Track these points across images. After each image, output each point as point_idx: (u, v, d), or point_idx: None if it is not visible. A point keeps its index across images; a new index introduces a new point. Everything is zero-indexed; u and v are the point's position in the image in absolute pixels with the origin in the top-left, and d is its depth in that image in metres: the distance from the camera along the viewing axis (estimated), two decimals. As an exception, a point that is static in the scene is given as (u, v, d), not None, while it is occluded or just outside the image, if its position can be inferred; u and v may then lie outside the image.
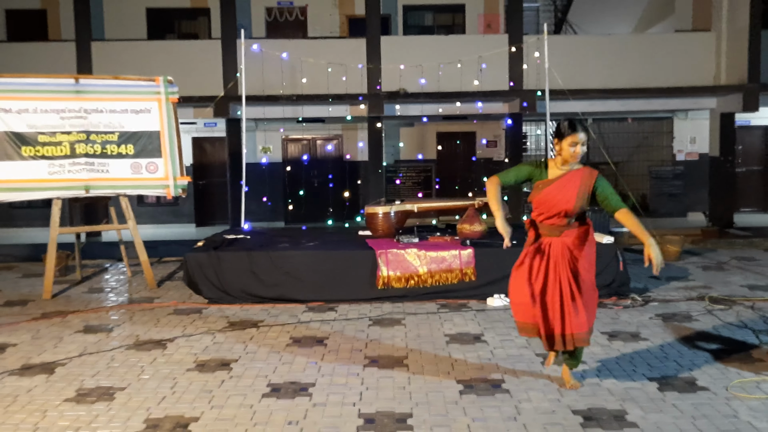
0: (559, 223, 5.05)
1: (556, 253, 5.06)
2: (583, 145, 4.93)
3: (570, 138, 4.92)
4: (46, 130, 9.10)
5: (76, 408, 5.05)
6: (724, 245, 12.30)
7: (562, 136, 4.97)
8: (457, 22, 18.49)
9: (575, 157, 4.96)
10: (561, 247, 5.06)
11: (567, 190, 4.96)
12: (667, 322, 7.14)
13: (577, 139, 4.91)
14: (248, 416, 4.85)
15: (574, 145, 4.92)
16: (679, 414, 4.75)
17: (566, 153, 4.96)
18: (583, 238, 5.10)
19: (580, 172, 5.01)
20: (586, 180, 4.97)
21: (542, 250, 5.13)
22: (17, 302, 8.68)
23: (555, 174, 5.04)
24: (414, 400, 5.08)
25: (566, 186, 4.97)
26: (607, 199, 4.97)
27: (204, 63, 14.92)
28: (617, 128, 18.94)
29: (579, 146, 4.92)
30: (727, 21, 15.24)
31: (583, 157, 5.07)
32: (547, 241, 5.11)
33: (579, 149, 4.93)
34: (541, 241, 5.15)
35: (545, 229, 5.12)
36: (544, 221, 5.11)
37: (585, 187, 4.96)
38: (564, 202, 4.96)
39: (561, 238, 5.06)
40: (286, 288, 8.26)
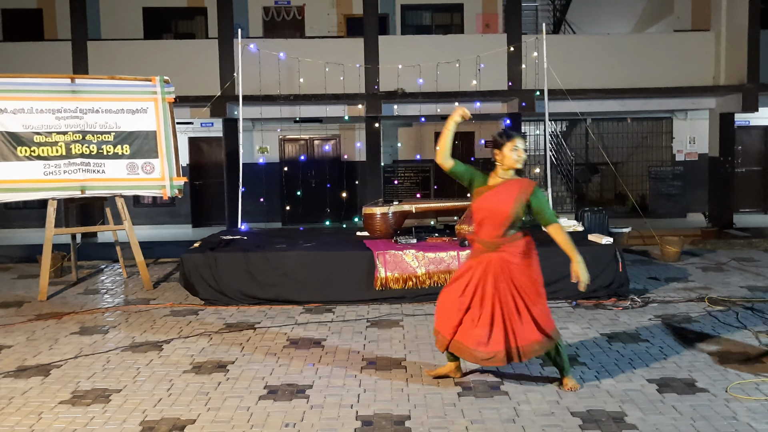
0: (497, 235, 5.09)
1: (495, 270, 5.09)
2: (524, 150, 5.12)
3: (510, 143, 5.10)
4: (41, 130, 9.06)
5: (72, 410, 5.01)
6: (724, 246, 12.27)
7: (501, 144, 5.13)
8: (456, 22, 18.48)
9: (519, 161, 5.11)
10: (500, 262, 5.09)
11: (504, 196, 5.07)
12: (667, 323, 7.11)
13: (516, 144, 5.08)
14: (245, 418, 4.81)
15: (515, 149, 5.08)
16: (679, 416, 4.72)
17: (509, 159, 5.10)
18: (523, 250, 5.15)
19: (518, 181, 5.15)
20: (524, 189, 5.09)
21: (481, 266, 5.14)
22: (12, 303, 8.64)
23: (495, 182, 5.18)
24: (412, 402, 5.05)
25: (504, 193, 5.08)
26: (542, 212, 5.10)
27: (201, 63, 14.89)
28: (616, 128, 18.93)
29: (521, 150, 5.10)
30: (726, 21, 15.24)
31: (578, 157, 5.10)
32: (487, 258, 5.13)
33: (522, 153, 5.10)
34: (482, 258, 5.16)
35: (484, 245, 5.17)
36: (481, 235, 5.17)
37: (522, 195, 5.06)
38: (500, 209, 5.05)
39: (499, 253, 5.10)
40: (283, 289, 8.22)
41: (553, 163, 18.63)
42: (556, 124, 19.24)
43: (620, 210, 17.91)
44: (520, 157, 5.09)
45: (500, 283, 5.07)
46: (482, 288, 5.11)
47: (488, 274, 5.10)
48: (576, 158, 19.13)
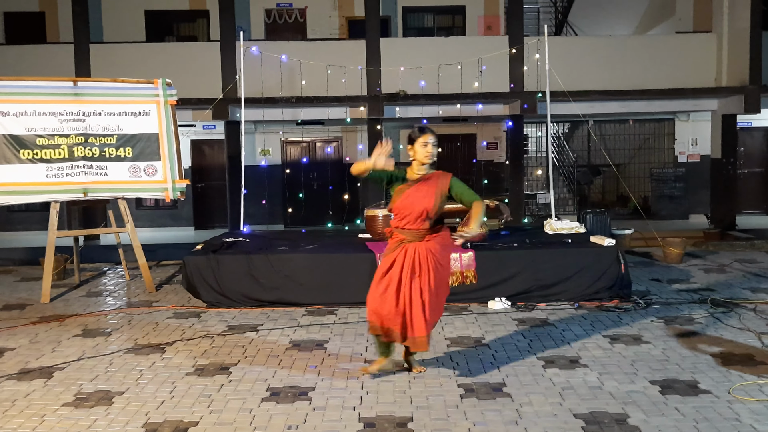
0: (422, 227, 5.33)
1: (421, 258, 5.30)
2: (434, 146, 5.33)
3: (421, 139, 5.32)
4: (44, 133, 9.07)
5: (75, 412, 5.01)
6: (726, 247, 12.26)
7: (413, 140, 5.36)
8: (457, 24, 18.48)
9: (428, 156, 5.31)
10: (425, 251, 5.31)
11: (425, 192, 5.29)
12: (669, 324, 7.10)
13: (427, 139, 5.31)
14: (247, 421, 4.81)
15: (425, 145, 5.30)
16: (681, 417, 4.71)
17: (420, 153, 5.33)
18: (443, 241, 5.41)
19: (436, 174, 5.40)
20: (442, 180, 5.35)
21: (406, 254, 5.32)
22: (15, 306, 8.64)
23: (414, 178, 5.39)
24: (415, 404, 5.04)
25: (424, 187, 5.31)
26: (462, 195, 5.36)
27: (203, 65, 14.91)
28: (618, 130, 18.92)
29: (430, 146, 5.31)
30: (728, 22, 15.23)
31: (580, 159, 5.14)
32: (413, 247, 5.33)
33: (431, 148, 5.31)
34: (406, 248, 5.34)
35: (409, 235, 5.35)
36: (406, 226, 5.35)
37: (442, 186, 5.32)
38: (424, 202, 5.26)
39: (424, 242, 5.33)
40: (286, 291, 8.22)
41: (555, 164, 18.63)
42: (558, 125, 19.23)
43: (622, 212, 17.90)
44: (430, 152, 5.30)
45: (419, 271, 5.27)
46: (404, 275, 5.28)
47: (409, 261, 5.29)
48: (578, 160, 19.12)
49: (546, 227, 9.76)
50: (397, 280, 5.29)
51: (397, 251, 5.36)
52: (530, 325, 7.19)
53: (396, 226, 5.42)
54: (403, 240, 5.35)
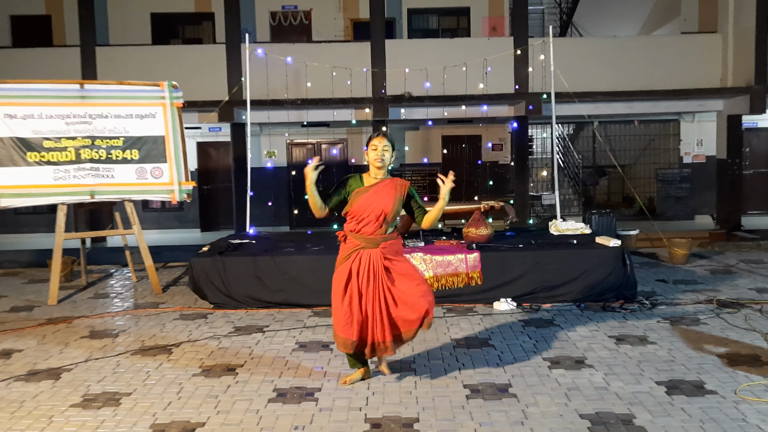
0: (378, 233, 5.28)
1: (377, 264, 5.26)
2: (384, 150, 5.28)
3: (371, 143, 5.32)
4: (51, 136, 9.11)
5: (82, 413, 5.04)
6: (732, 248, 12.24)
7: (368, 143, 5.37)
8: (462, 26, 18.47)
9: (378, 160, 5.27)
10: (379, 257, 5.27)
11: (383, 195, 5.26)
12: (675, 325, 7.10)
13: (375, 143, 5.29)
14: (254, 421, 4.83)
15: (375, 149, 5.29)
16: (688, 418, 4.71)
17: (371, 156, 5.32)
18: (397, 248, 5.41)
19: (394, 180, 5.37)
20: (400, 187, 5.33)
21: (363, 262, 5.27)
22: (23, 308, 8.68)
23: (371, 182, 5.35)
24: (421, 405, 5.06)
25: (382, 192, 5.28)
26: (417, 204, 5.41)
27: (208, 67, 14.92)
28: (623, 131, 18.89)
29: (379, 149, 5.27)
30: (733, 22, 15.18)
31: (585, 160, 5.11)
32: (367, 254, 5.28)
33: (379, 152, 5.27)
34: (360, 254, 5.29)
35: (363, 240, 5.29)
36: (362, 231, 5.30)
37: (399, 192, 5.31)
38: (382, 206, 5.23)
39: (378, 249, 5.28)
40: (292, 293, 8.24)
41: (560, 165, 18.59)
42: (563, 126, 19.21)
43: (628, 212, 17.85)
44: (378, 157, 5.27)
45: (375, 276, 5.24)
46: (361, 282, 5.25)
47: (365, 267, 5.25)
48: (583, 161, 19.09)
49: (551, 228, 9.76)
50: (358, 292, 5.25)
51: (351, 259, 5.29)
52: (536, 326, 7.19)
53: (351, 230, 5.34)
54: (358, 246, 5.29)
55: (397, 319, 5.25)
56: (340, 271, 5.33)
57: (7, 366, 6.24)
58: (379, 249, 5.27)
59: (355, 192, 5.29)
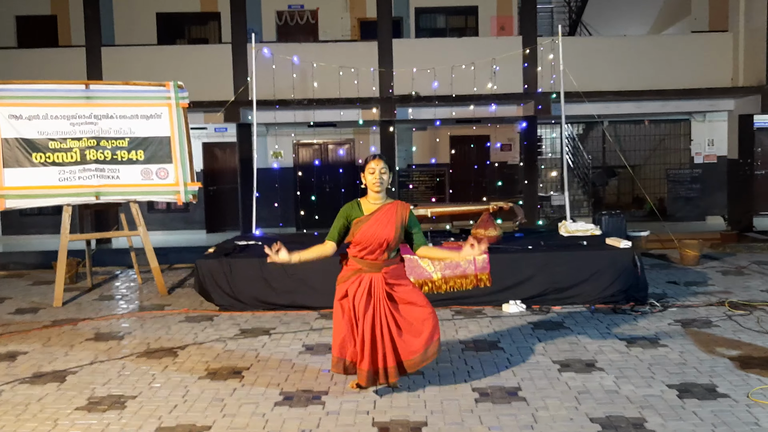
0: (381, 258, 5.17)
1: (378, 289, 5.14)
2: (381, 173, 5.18)
3: (367, 167, 5.22)
4: (56, 137, 9.09)
5: (88, 416, 5.01)
6: (744, 249, 12.15)
7: (364, 166, 5.27)
8: (470, 25, 18.41)
9: (376, 184, 5.17)
10: (381, 282, 5.15)
11: (385, 223, 5.14)
12: (687, 327, 7.02)
13: (373, 166, 5.19)
14: (260, 425, 4.79)
15: (372, 172, 5.17)
16: (699, 422, 4.65)
17: (369, 181, 5.21)
18: (400, 272, 5.29)
19: (394, 205, 5.25)
20: (401, 211, 5.22)
21: (363, 286, 5.15)
22: (28, 310, 8.66)
23: (370, 209, 5.23)
24: (429, 408, 5.01)
25: (383, 219, 5.15)
26: (414, 231, 5.28)
27: (214, 68, 14.91)
28: (633, 131, 18.80)
29: (377, 173, 5.16)
30: (744, 21, 15.08)
31: (595, 160, 5.05)
32: (368, 277, 5.16)
33: (377, 176, 5.17)
34: (361, 277, 5.18)
35: (366, 265, 5.18)
36: (365, 257, 5.19)
37: (401, 217, 5.19)
38: (385, 233, 5.11)
39: (381, 273, 5.16)
40: (298, 295, 8.20)
41: (569, 166, 18.52)
42: (572, 126, 19.13)
43: (638, 213, 17.77)
44: (377, 180, 5.16)
45: (377, 303, 5.12)
46: (360, 307, 5.11)
47: (364, 291, 5.13)
48: (593, 161, 19.02)
49: (561, 229, 9.69)
50: (355, 316, 5.15)
51: (351, 281, 5.19)
52: (545, 329, 7.13)
53: (354, 256, 5.25)
54: (360, 270, 5.19)
55: (401, 346, 5.12)
56: (338, 291, 5.26)
57: (12, 368, 6.21)
58: (381, 273, 5.16)
59: (355, 221, 5.18)
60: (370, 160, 5.22)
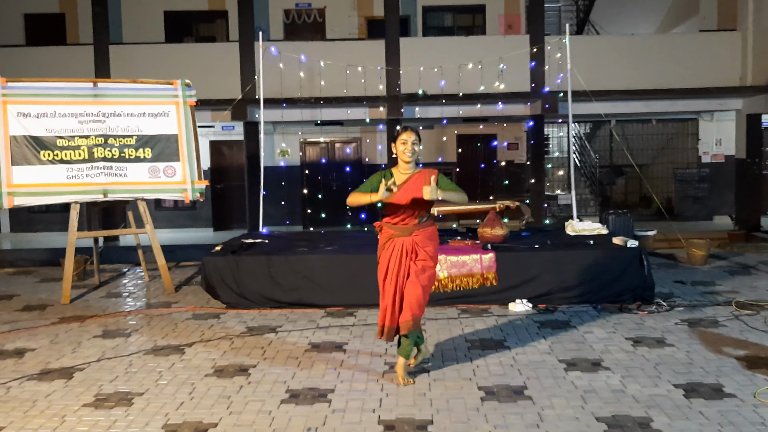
0: (412, 223, 5.50)
1: (407, 250, 5.47)
2: (413, 144, 5.48)
3: (400, 138, 5.50)
4: (64, 134, 9.11)
5: (95, 413, 5.02)
6: (751, 249, 12.11)
7: (395, 139, 5.56)
8: (478, 23, 18.39)
9: (407, 153, 5.46)
10: (411, 244, 5.48)
11: (415, 189, 5.40)
12: (693, 327, 7.00)
13: (405, 137, 5.47)
14: (267, 422, 4.79)
15: (404, 143, 5.46)
16: (706, 421, 4.64)
17: (399, 152, 5.51)
18: (430, 236, 5.57)
19: (422, 172, 5.54)
20: (428, 176, 5.43)
21: (396, 251, 5.49)
22: (36, 307, 8.69)
23: (401, 178, 5.51)
24: (435, 407, 5.00)
25: (413, 186, 5.43)
26: (446, 188, 5.43)
27: (222, 66, 14.93)
28: (641, 130, 18.76)
29: (409, 144, 5.46)
30: (753, 20, 15.02)
31: (602, 159, 5.05)
32: (399, 241, 5.50)
33: (409, 146, 5.46)
34: (393, 242, 5.51)
35: (398, 230, 5.51)
36: (398, 223, 5.52)
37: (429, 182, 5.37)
38: (417, 198, 5.39)
39: (411, 237, 5.49)
40: (305, 293, 8.20)
41: (576, 165, 18.49)
42: (579, 125, 19.10)
43: (645, 213, 17.75)
44: (408, 150, 5.45)
45: (405, 262, 5.47)
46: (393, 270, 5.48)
47: (398, 256, 5.47)
48: (600, 160, 18.98)
49: (567, 228, 9.67)
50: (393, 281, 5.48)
51: (386, 249, 5.53)
52: (552, 328, 7.12)
53: (387, 222, 5.57)
54: (392, 235, 5.51)
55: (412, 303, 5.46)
56: (380, 264, 5.58)
57: (20, 365, 6.23)
58: (412, 237, 5.47)
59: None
60: (402, 132, 5.50)
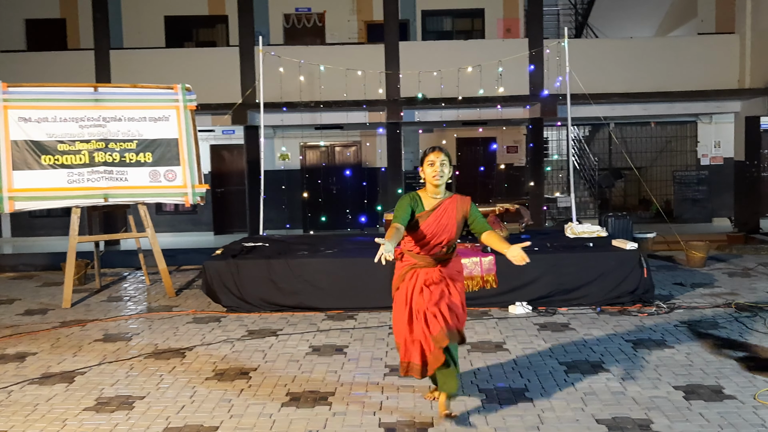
0: (439, 253, 4.98)
1: (434, 281, 4.91)
2: (442, 165, 4.92)
3: (427, 159, 4.95)
4: (65, 139, 9.14)
5: (96, 417, 5.04)
6: (750, 251, 12.13)
7: (423, 158, 5.01)
8: (477, 27, 18.42)
9: (435, 177, 4.91)
10: (438, 275, 4.94)
11: (446, 219, 4.95)
12: (693, 329, 7.02)
13: (432, 158, 4.92)
14: (268, 425, 4.81)
15: (431, 164, 4.92)
16: (706, 423, 4.66)
17: (428, 174, 4.95)
18: (456, 266, 5.11)
19: (453, 199, 5.03)
20: (461, 206, 5.01)
21: (417, 280, 4.94)
22: (37, 311, 8.70)
23: (430, 204, 5.00)
24: (435, 409, 5.01)
25: (444, 215, 4.96)
26: (476, 222, 5.02)
27: (222, 70, 14.96)
28: (640, 133, 18.77)
29: (437, 165, 4.91)
30: (751, 23, 15.04)
31: (601, 162, 5.02)
32: (423, 273, 4.96)
33: (437, 168, 4.91)
34: (417, 272, 4.97)
35: (423, 260, 4.98)
36: (421, 252, 4.99)
37: (462, 212, 5.00)
38: (446, 231, 4.93)
39: (437, 267, 4.98)
40: (305, 296, 8.22)
41: (576, 168, 18.51)
42: (578, 128, 19.12)
43: (644, 215, 17.75)
44: (436, 173, 4.91)
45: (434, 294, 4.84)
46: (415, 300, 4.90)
47: (420, 285, 4.90)
48: (599, 163, 18.99)
49: (567, 231, 9.69)
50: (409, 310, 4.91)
51: (407, 279, 4.98)
52: (551, 330, 7.13)
53: (409, 250, 5.04)
54: (415, 264, 4.99)
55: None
56: (399, 296, 5.02)
57: (21, 369, 6.24)
58: (437, 269, 4.97)
59: (418, 216, 4.96)
60: (429, 153, 4.96)
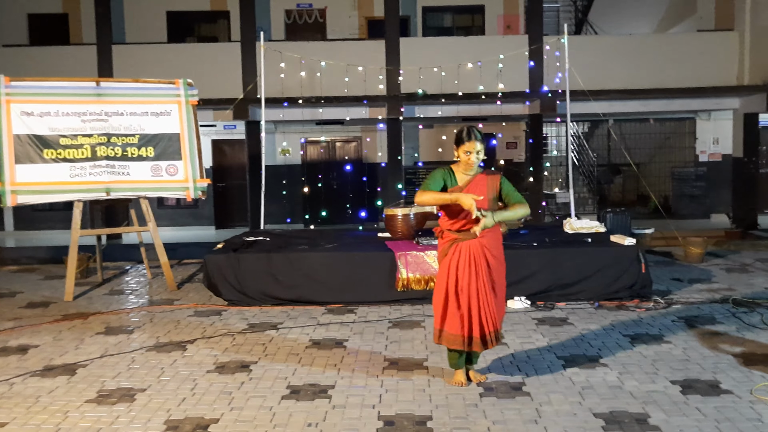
0: (474, 228, 5.10)
1: (476, 254, 5.18)
2: (478, 154, 5.09)
3: (465, 146, 5.11)
4: (67, 133, 9.16)
5: (97, 409, 5.06)
6: (748, 247, 12.15)
7: (459, 143, 5.16)
8: (477, 24, 18.44)
9: (470, 165, 5.14)
10: (479, 247, 5.17)
11: (478, 193, 5.09)
12: (690, 324, 7.06)
13: (472, 147, 5.08)
14: (268, 418, 4.84)
15: (468, 153, 5.10)
16: (703, 417, 4.68)
17: (462, 161, 5.17)
18: (497, 237, 5.30)
19: (484, 175, 5.23)
20: (492, 181, 5.21)
21: (464, 256, 5.19)
22: (39, 304, 8.74)
23: (463, 180, 5.20)
24: (434, 403, 5.05)
25: (476, 189, 5.13)
26: (509, 195, 5.23)
27: (223, 65, 14.98)
28: (639, 129, 18.80)
29: (473, 155, 5.10)
30: (750, 20, 15.07)
31: (600, 158, 5.07)
32: (466, 245, 5.19)
33: (473, 158, 5.10)
34: (459, 246, 5.20)
35: (462, 234, 5.20)
36: (460, 228, 5.20)
37: (493, 187, 5.20)
38: (478, 203, 5.01)
39: (478, 240, 5.16)
40: (306, 290, 8.25)
41: (575, 164, 18.55)
42: (578, 125, 19.14)
43: (643, 211, 17.79)
44: (471, 163, 5.12)
45: (477, 268, 5.17)
46: (461, 275, 5.18)
47: (465, 260, 5.18)
48: (598, 159, 19.03)
49: (566, 226, 9.72)
50: (460, 287, 5.18)
51: (450, 253, 5.22)
52: (550, 324, 7.17)
53: (448, 229, 5.27)
54: (456, 239, 5.20)
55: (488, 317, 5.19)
56: (442, 268, 5.28)
57: (24, 361, 6.27)
58: (478, 240, 5.16)
59: (449, 191, 5.16)
60: (466, 141, 5.10)
